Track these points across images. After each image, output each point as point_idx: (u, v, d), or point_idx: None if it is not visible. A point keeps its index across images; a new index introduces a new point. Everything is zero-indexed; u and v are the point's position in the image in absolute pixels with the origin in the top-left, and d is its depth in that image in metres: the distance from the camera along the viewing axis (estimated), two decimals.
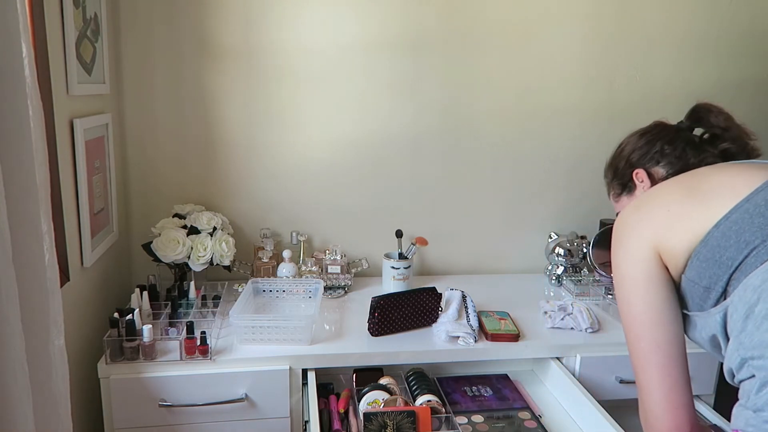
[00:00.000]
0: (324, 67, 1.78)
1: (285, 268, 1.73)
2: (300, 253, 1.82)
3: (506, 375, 1.55)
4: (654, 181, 1.12)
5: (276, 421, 1.39)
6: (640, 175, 1.13)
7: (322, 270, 1.78)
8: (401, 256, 1.79)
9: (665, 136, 1.14)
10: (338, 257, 1.80)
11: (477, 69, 1.84)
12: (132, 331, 1.33)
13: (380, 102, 1.83)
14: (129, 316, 1.36)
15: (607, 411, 1.27)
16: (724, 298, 0.86)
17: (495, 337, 1.48)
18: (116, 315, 1.37)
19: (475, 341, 1.47)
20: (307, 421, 1.37)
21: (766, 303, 0.79)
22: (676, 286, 0.94)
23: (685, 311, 0.94)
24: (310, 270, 1.75)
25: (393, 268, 1.76)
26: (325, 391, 1.45)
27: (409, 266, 1.78)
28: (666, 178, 1.09)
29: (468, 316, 1.55)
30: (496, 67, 1.85)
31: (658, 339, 0.92)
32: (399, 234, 1.82)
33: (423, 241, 1.82)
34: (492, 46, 1.83)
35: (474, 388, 1.49)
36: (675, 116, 1.17)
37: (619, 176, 1.19)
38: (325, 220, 1.90)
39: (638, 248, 0.94)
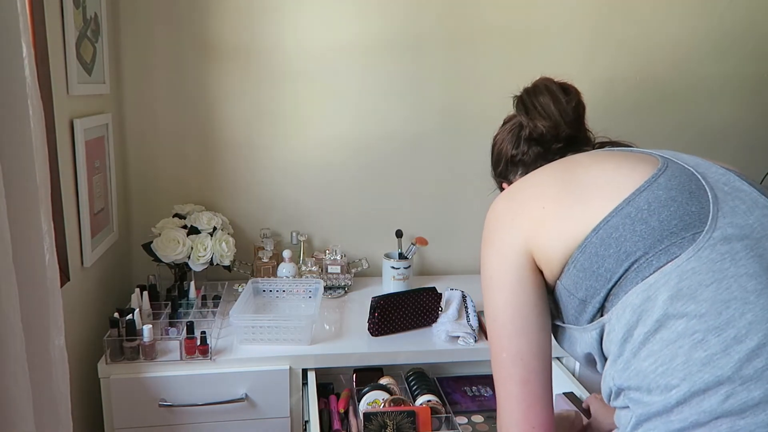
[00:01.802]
0: (324, 67, 1.78)
1: (285, 268, 1.73)
2: (300, 253, 1.82)
3: None
4: None
5: (276, 421, 1.39)
6: (505, 187, 1.07)
7: (322, 270, 1.78)
8: (401, 256, 1.79)
9: (512, 138, 1.03)
10: (338, 257, 1.80)
11: (477, 69, 1.84)
12: (132, 331, 1.33)
13: (380, 102, 1.83)
14: (129, 316, 1.36)
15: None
16: (601, 315, 0.75)
17: None
18: (116, 315, 1.37)
19: (475, 341, 1.47)
20: (307, 421, 1.37)
21: (645, 326, 0.68)
22: (550, 291, 0.83)
23: (559, 323, 0.84)
24: (310, 270, 1.75)
25: (393, 268, 1.76)
26: (325, 391, 1.45)
27: (409, 266, 1.78)
28: None
29: (468, 316, 1.55)
30: (495, 67, 1.85)
31: (522, 350, 0.80)
32: (399, 234, 1.82)
33: (423, 241, 1.82)
34: (491, 46, 1.83)
35: (474, 388, 1.49)
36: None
37: (497, 183, 1.13)
38: (325, 220, 1.90)
39: (509, 247, 0.82)
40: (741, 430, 0.62)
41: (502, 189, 1.10)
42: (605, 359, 0.77)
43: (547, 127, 0.95)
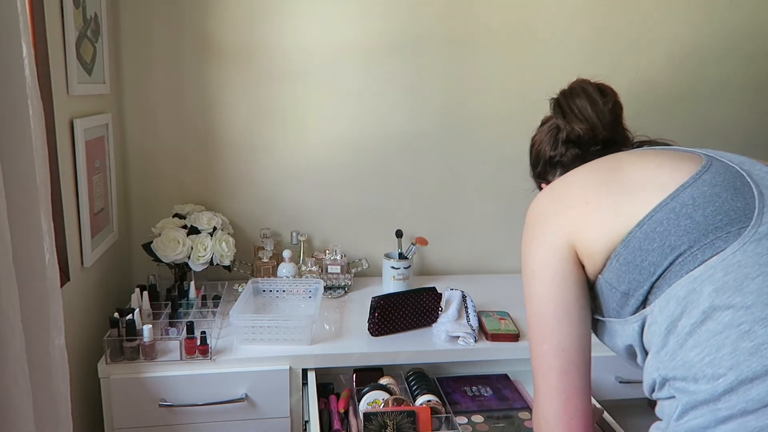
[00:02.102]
0: (324, 67, 1.78)
1: (285, 268, 1.73)
2: (300, 253, 1.82)
3: (506, 375, 1.55)
4: None
5: (276, 421, 1.39)
6: (544, 187, 1.08)
7: (322, 270, 1.78)
8: (401, 256, 1.79)
9: (550, 139, 1.04)
10: (338, 257, 1.80)
11: (477, 69, 1.84)
12: (132, 331, 1.33)
13: (381, 102, 1.83)
14: (129, 316, 1.36)
15: (607, 411, 1.27)
16: (644, 307, 0.77)
17: (495, 337, 1.48)
18: (116, 315, 1.37)
19: (475, 341, 1.47)
20: (307, 421, 1.37)
21: (690, 318, 0.70)
22: (590, 286, 0.85)
23: (599, 317, 0.86)
24: (310, 270, 1.75)
25: (393, 268, 1.76)
26: (325, 391, 1.45)
27: (409, 266, 1.78)
28: None
29: (468, 316, 1.55)
30: (495, 67, 1.85)
31: (564, 342, 0.82)
32: (399, 234, 1.82)
33: (423, 241, 1.82)
34: (491, 46, 1.83)
35: (474, 388, 1.49)
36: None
37: (536, 183, 1.14)
38: (325, 220, 1.90)
39: (552, 242, 0.83)
40: None
41: (541, 189, 1.12)
42: (645, 352, 0.79)
43: (584, 130, 0.96)
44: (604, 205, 0.80)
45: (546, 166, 1.06)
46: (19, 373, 0.92)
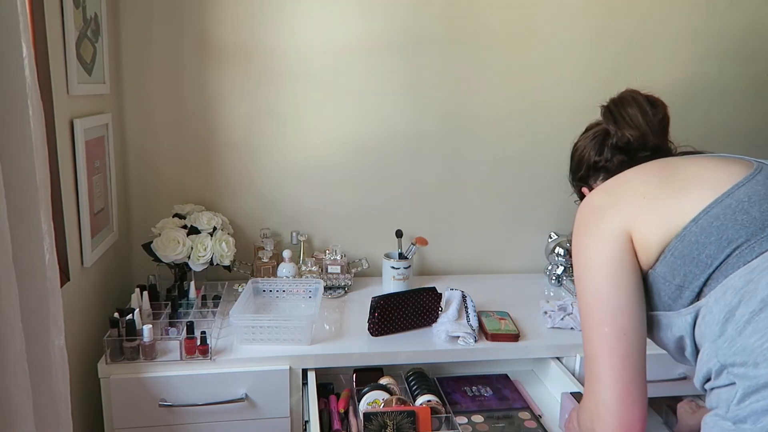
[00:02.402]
0: (324, 67, 1.78)
1: (285, 268, 1.73)
2: (300, 253, 1.82)
3: (506, 375, 1.55)
4: None
5: (276, 421, 1.39)
6: (586, 192, 1.10)
7: (322, 270, 1.78)
8: (401, 256, 1.79)
9: (595, 145, 1.06)
10: (338, 257, 1.80)
11: (477, 69, 1.84)
12: (132, 331, 1.33)
13: (380, 102, 1.83)
14: (129, 316, 1.36)
15: None
16: (698, 299, 0.80)
17: (495, 337, 1.48)
18: (116, 315, 1.37)
19: (475, 341, 1.47)
20: (307, 421, 1.37)
21: (748, 306, 0.73)
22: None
23: (648, 311, 0.87)
24: (310, 270, 1.75)
25: (393, 268, 1.76)
26: (325, 391, 1.45)
27: (409, 266, 1.78)
28: None
29: (468, 316, 1.55)
30: (496, 67, 1.85)
31: (625, 325, 0.84)
32: (399, 234, 1.82)
33: (423, 241, 1.82)
34: (492, 46, 1.83)
35: (474, 388, 1.49)
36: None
37: (575, 189, 1.17)
38: (325, 220, 1.90)
39: (610, 231, 0.86)
40: None
41: (580, 194, 1.14)
42: (694, 343, 0.82)
43: (634, 137, 0.99)
44: (660, 200, 0.84)
45: (589, 171, 1.08)
46: (19, 373, 0.92)
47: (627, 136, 0.99)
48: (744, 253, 0.76)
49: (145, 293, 1.51)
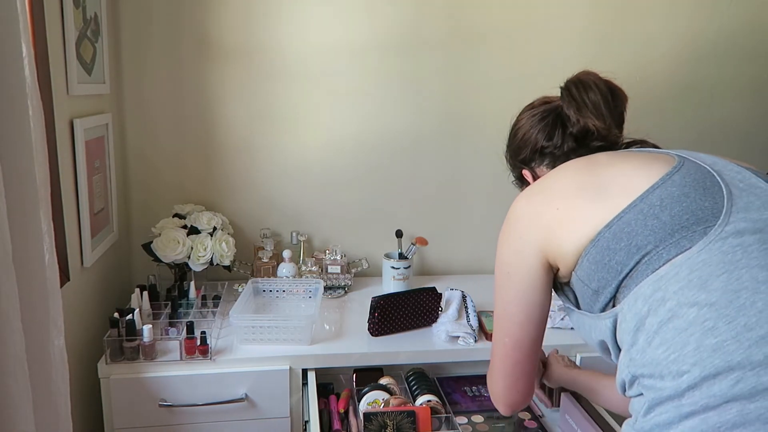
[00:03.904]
0: (324, 66, 1.78)
1: (285, 268, 1.73)
2: (300, 253, 1.82)
3: None
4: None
5: (276, 421, 1.39)
6: (527, 175, 1.06)
7: (322, 270, 1.78)
8: (401, 256, 1.79)
9: (545, 128, 1.01)
10: (338, 257, 1.80)
11: (477, 69, 1.84)
12: (132, 331, 1.33)
13: (381, 102, 1.83)
14: (129, 316, 1.36)
15: (606, 411, 1.27)
16: (614, 305, 0.79)
17: None
18: (116, 315, 1.37)
19: (475, 341, 1.47)
20: (307, 421, 1.37)
21: (657, 316, 0.71)
22: (566, 282, 0.88)
23: (574, 308, 0.89)
24: (310, 270, 1.75)
25: (393, 268, 1.76)
26: (325, 391, 1.45)
27: (409, 266, 1.78)
28: None
29: (468, 316, 1.55)
30: (496, 67, 1.85)
31: (523, 339, 0.93)
32: (399, 234, 1.82)
33: (423, 241, 1.82)
34: (492, 46, 1.83)
35: (474, 388, 1.49)
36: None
37: (513, 170, 1.12)
38: (325, 220, 1.90)
39: (525, 247, 0.88)
40: (750, 414, 0.64)
41: (519, 176, 1.10)
42: (618, 349, 0.81)
43: (598, 128, 0.94)
44: (575, 209, 0.82)
45: (534, 155, 1.03)
46: (19, 373, 0.92)
47: (591, 126, 0.94)
48: (653, 260, 0.73)
49: (145, 293, 1.51)
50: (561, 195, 0.85)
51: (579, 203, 0.82)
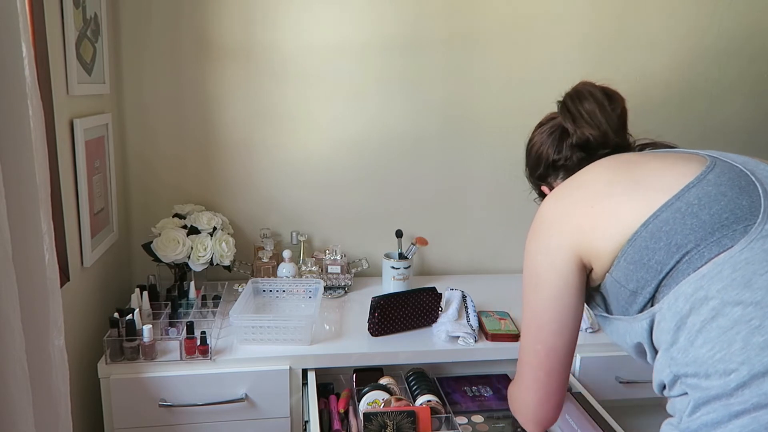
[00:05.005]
0: (324, 66, 1.78)
1: (285, 268, 1.73)
2: (300, 253, 1.82)
3: (506, 375, 1.55)
4: None
5: (276, 421, 1.39)
6: (546, 191, 1.08)
7: (322, 270, 1.78)
8: (401, 256, 1.79)
9: (553, 143, 1.03)
10: (338, 257, 1.80)
11: (477, 69, 1.84)
12: (132, 331, 1.33)
13: (381, 102, 1.83)
14: (129, 316, 1.36)
15: (606, 411, 1.27)
16: (652, 305, 0.78)
17: (495, 337, 1.48)
18: (116, 315, 1.37)
19: (475, 341, 1.47)
20: (307, 421, 1.37)
21: (699, 315, 0.71)
22: (598, 286, 0.87)
23: (608, 315, 0.88)
24: (310, 270, 1.75)
25: (393, 268, 1.76)
26: (325, 391, 1.45)
27: (409, 266, 1.78)
28: None
29: (468, 316, 1.55)
30: (496, 67, 1.85)
31: (557, 346, 0.89)
32: (399, 234, 1.82)
33: (423, 241, 1.82)
34: (492, 46, 1.83)
35: (474, 388, 1.49)
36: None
37: (533, 185, 1.13)
38: (325, 220, 1.90)
39: (557, 249, 0.86)
40: None
41: (540, 192, 1.12)
42: (654, 350, 0.80)
43: (594, 136, 0.96)
44: (609, 208, 0.82)
45: (548, 169, 1.06)
46: (19, 373, 0.92)
47: (587, 135, 0.96)
48: (694, 259, 0.73)
49: (145, 293, 1.51)
50: (593, 192, 0.85)
51: (614, 200, 0.82)
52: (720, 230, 0.73)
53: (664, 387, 0.79)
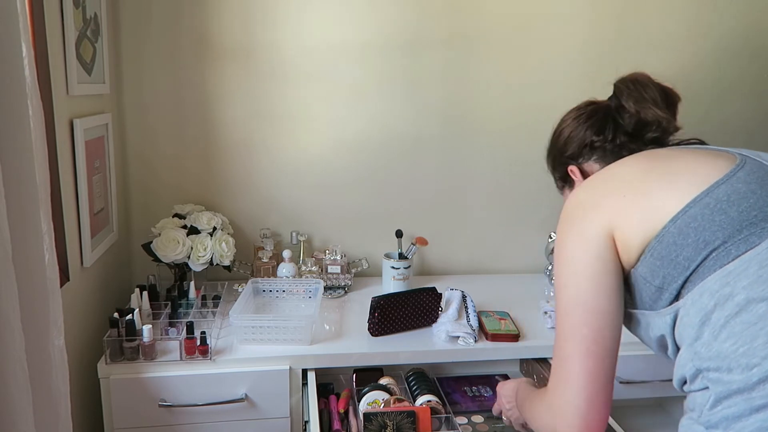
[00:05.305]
0: (324, 67, 1.78)
1: (285, 268, 1.73)
2: (300, 253, 1.82)
3: (506, 375, 1.55)
4: (588, 177, 1.03)
5: (276, 421, 1.39)
6: (574, 172, 1.05)
7: (322, 270, 1.78)
8: (401, 256, 1.79)
9: (594, 124, 1.02)
10: (338, 257, 1.80)
11: (477, 69, 1.84)
12: (132, 331, 1.33)
13: (381, 102, 1.83)
14: (129, 316, 1.36)
15: None
16: (677, 300, 0.79)
17: (495, 337, 1.48)
18: (116, 315, 1.37)
19: (475, 341, 1.47)
20: (307, 421, 1.37)
21: (724, 310, 0.72)
22: (624, 279, 0.86)
23: (632, 309, 0.87)
24: (310, 270, 1.75)
25: (393, 268, 1.76)
26: (325, 391, 1.45)
27: (409, 266, 1.78)
28: None
29: (468, 316, 1.55)
30: (496, 67, 1.85)
31: (604, 328, 0.83)
32: (399, 234, 1.82)
33: (423, 241, 1.82)
34: (492, 46, 1.83)
35: (474, 388, 1.49)
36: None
37: (558, 170, 1.10)
38: (325, 220, 1.90)
39: (592, 230, 0.84)
40: None
41: (564, 175, 1.08)
42: (675, 342, 0.81)
43: (661, 118, 0.96)
44: (641, 199, 0.82)
45: (582, 149, 1.03)
46: (19, 373, 0.92)
47: (650, 117, 0.95)
48: (721, 255, 0.74)
49: (145, 293, 1.51)
50: (625, 183, 0.85)
51: (644, 192, 0.82)
52: (748, 228, 0.73)
53: (685, 382, 0.79)
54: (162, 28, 1.69)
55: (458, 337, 1.47)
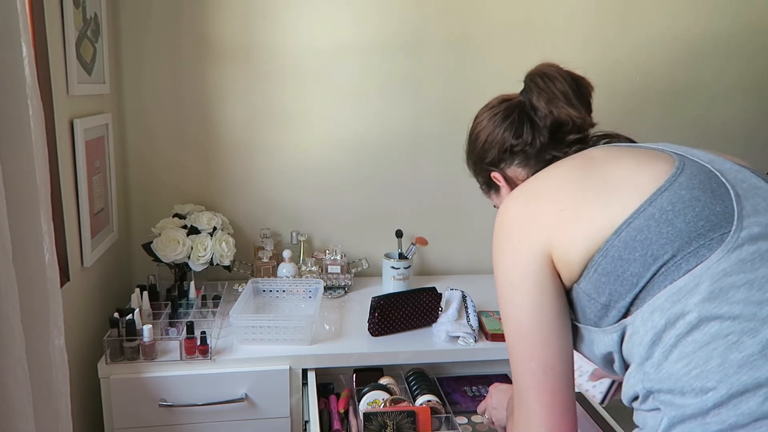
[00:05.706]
0: (324, 67, 1.78)
1: (285, 268, 1.73)
2: (300, 253, 1.82)
3: (506, 375, 1.55)
4: (514, 183, 0.97)
5: (276, 421, 1.39)
6: (498, 179, 0.99)
7: (322, 270, 1.78)
8: (401, 256, 1.79)
9: (511, 125, 0.94)
10: (338, 257, 1.80)
11: (477, 69, 1.84)
12: (132, 331, 1.33)
13: (380, 102, 1.83)
14: (129, 316, 1.36)
15: (606, 411, 1.27)
16: (625, 317, 0.73)
17: (495, 337, 1.48)
18: (116, 315, 1.37)
19: (475, 341, 1.47)
20: (307, 421, 1.37)
21: (675, 329, 0.67)
22: (565, 293, 0.80)
23: (576, 323, 0.81)
24: (310, 270, 1.75)
25: (393, 268, 1.76)
26: (325, 391, 1.45)
27: (409, 266, 1.78)
28: (527, 177, 0.94)
29: (468, 316, 1.55)
30: (496, 67, 1.85)
31: (553, 359, 0.78)
32: (399, 234, 1.82)
33: (423, 241, 1.82)
34: (492, 46, 1.83)
35: (474, 388, 1.49)
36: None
37: (480, 175, 1.04)
38: (325, 220, 1.90)
39: (527, 252, 0.79)
40: None
41: (487, 180, 1.03)
42: (623, 360, 0.76)
43: (574, 117, 0.89)
44: (579, 211, 0.76)
45: (503, 154, 0.96)
46: (19, 373, 0.92)
47: (565, 116, 0.88)
48: (670, 270, 0.69)
49: (145, 293, 1.51)
50: (561, 194, 0.79)
51: (582, 203, 0.76)
52: (697, 239, 0.68)
53: (636, 398, 0.75)
54: (162, 29, 1.69)
55: (458, 337, 1.47)
